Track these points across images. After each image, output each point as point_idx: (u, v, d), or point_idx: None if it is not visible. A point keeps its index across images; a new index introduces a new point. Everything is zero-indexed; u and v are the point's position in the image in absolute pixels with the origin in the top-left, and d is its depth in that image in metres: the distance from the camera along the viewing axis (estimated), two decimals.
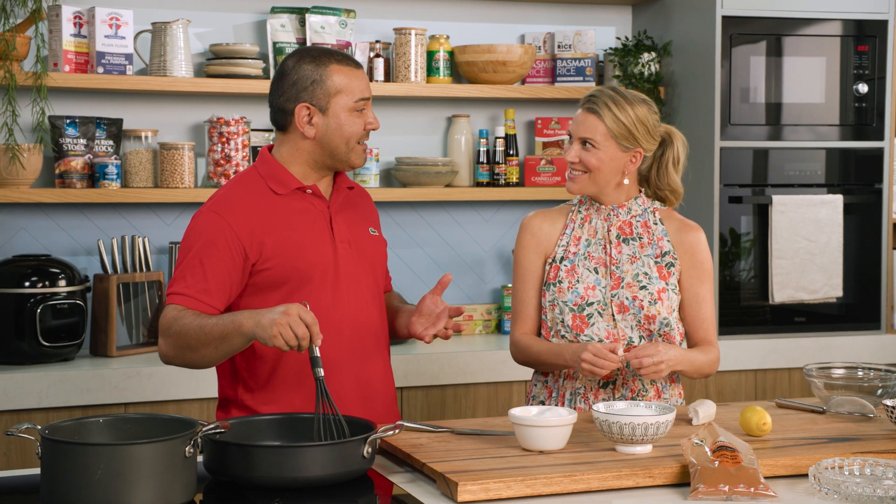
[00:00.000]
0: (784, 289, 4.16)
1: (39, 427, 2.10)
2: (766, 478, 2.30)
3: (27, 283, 3.63)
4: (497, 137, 4.31)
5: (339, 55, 2.72)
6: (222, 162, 3.95)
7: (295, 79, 2.69)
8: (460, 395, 3.89)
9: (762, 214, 4.19)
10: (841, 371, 2.90)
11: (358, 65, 2.74)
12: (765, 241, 4.18)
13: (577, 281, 2.83)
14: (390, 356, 2.88)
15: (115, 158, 3.88)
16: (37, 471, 2.15)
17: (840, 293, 4.23)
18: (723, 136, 4.14)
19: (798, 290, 4.17)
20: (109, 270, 3.82)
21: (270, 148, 2.78)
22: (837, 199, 4.20)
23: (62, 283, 3.68)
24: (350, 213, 2.80)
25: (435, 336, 2.74)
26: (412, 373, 3.81)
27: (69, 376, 3.52)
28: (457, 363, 3.87)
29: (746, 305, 4.21)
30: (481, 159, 4.31)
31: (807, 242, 4.17)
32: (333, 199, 2.76)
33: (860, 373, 2.89)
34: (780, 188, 4.21)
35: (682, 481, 2.27)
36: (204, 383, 3.60)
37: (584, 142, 2.80)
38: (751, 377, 4.18)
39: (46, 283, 3.65)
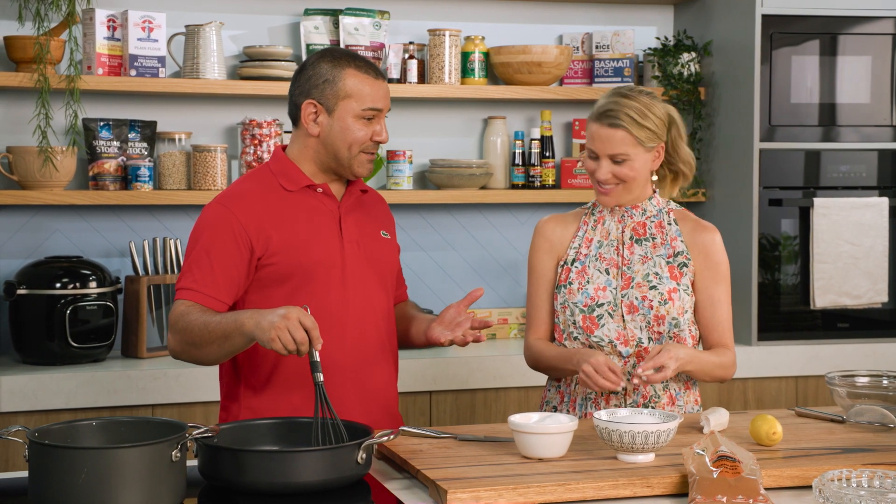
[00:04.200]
0: (826, 294, 4.06)
1: (28, 429, 2.10)
2: (771, 489, 2.24)
3: (58, 285, 3.66)
4: (532, 139, 4.26)
5: (362, 61, 2.69)
6: (255, 164, 3.95)
7: (310, 74, 2.68)
8: (490, 400, 3.85)
9: (804, 218, 4.09)
10: (865, 379, 2.81)
11: (379, 75, 2.70)
12: (807, 244, 4.08)
13: (588, 282, 2.78)
14: (397, 361, 2.84)
15: (149, 161, 3.90)
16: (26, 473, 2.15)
17: (885, 298, 4.11)
18: (763, 138, 4.06)
19: (840, 296, 4.07)
20: (140, 272, 3.84)
21: (285, 147, 2.77)
22: (882, 202, 4.09)
23: (93, 284, 3.70)
24: (361, 215, 2.78)
25: (452, 342, 2.69)
26: (441, 377, 3.78)
27: (97, 377, 3.54)
28: (487, 367, 3.82)
29: (787, 311, 4.11)
30: (516, 161, 4.27)
31: (850, 246, 4.06)
32: (345, 199, 2.75)
33: (885, 381, 2.80)
34: (823, 190, 4.11)
35: (682, 491, 2.21)
36: None
37: (612, 157, 2.74)
38: (791, 384, 4.08)
39: (77, 284, 3.68)
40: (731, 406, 4.00)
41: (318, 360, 2.38)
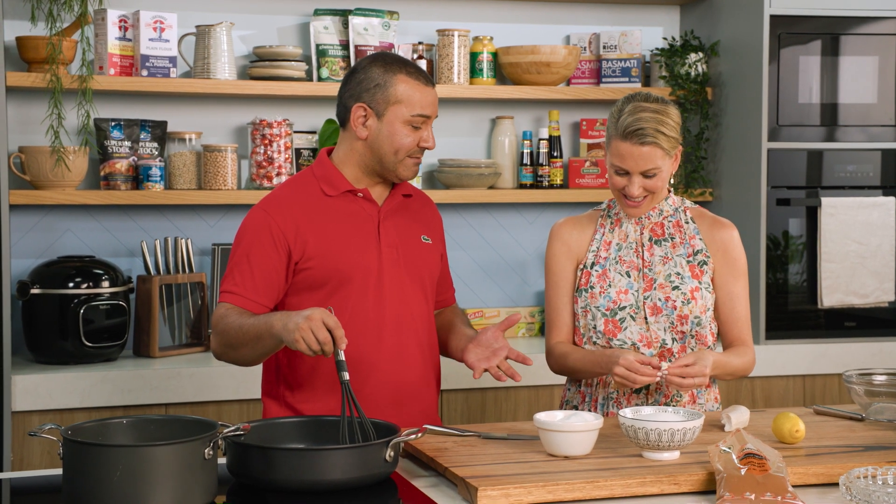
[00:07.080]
0: (833, 293, 4.08)
1: (62, 427, 2.11)
2: (796, 486, 2.26)
3: (71, 284, 3.66)
4: (541, 139, 4.28)
5: (413, 68, 2.71)
6: (265, 164, 3.96)
7: (362, 78, 2.70)
8: (501, 399, 3.87)
9: (812, 217, 4.11)
10: (883, 377, 2.83)
11: (429, 81, 2.72)
12: (814, 244, 4.11)
13: (609, 285, 2.79)
14: (437, 365, 2.85)
15: (160, 160, 3.91)
16: (60, 471, 2.16)
17: (892, 297, 4.14)
18: (771, 138, 4.08)
19: (848, 295, 4.10)
20: (152, 272, 3.85)
21: (330, 151, 2.80)
22: (889, 202, 4.11)
23: (105, 284, 3.71)
24: (402, 219, 2.79)
25: (485, 371, 2.71)
26: (452, 376, 3.78)
27: (111, 377, 3.55)
28: None
29: (795, 310, 4.14)
30: (525, 161, 4.28)
31: (857, 246, 4.09)
32: (386, 203, 2.76)
33: None
34: (831, 190, 4.13)
35: (709, 489, 2.23)
36: (244, 385, 3.61)
37: (643, 173, 2.73)
38: (799, 383, 4.10)
39: (90, 283, 3.68)
40: (729, 404, 4.02)
41: (343, 359, 2.40)
